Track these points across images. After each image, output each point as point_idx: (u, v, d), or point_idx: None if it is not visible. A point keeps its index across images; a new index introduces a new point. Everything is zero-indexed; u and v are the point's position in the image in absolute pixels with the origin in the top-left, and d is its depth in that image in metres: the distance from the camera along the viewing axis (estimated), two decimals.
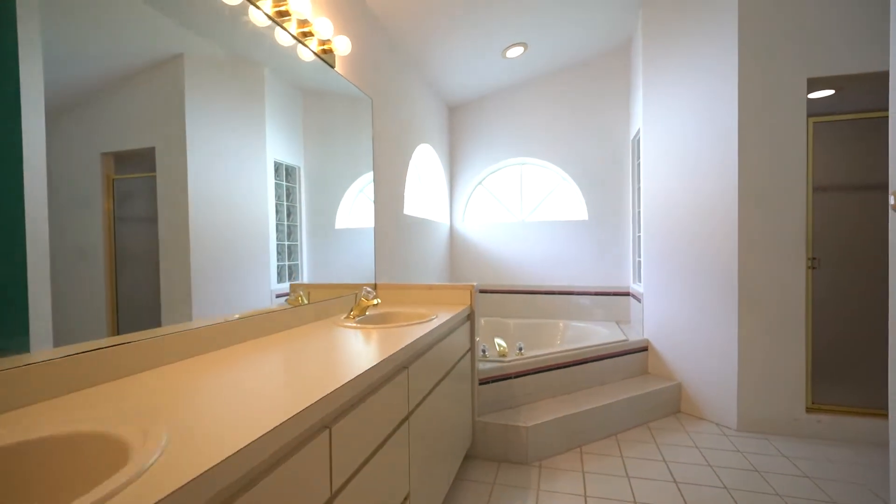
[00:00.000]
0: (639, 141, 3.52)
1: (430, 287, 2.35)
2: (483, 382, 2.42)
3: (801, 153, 2.51)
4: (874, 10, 2.39)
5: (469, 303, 2.28)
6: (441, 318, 1.86)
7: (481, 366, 2.45)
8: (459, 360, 2.07)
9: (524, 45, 3.34)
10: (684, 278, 2.91)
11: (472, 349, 2.29)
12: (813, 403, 2.57)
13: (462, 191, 4.27)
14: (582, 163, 3.90)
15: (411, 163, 3.40)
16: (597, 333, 3.51)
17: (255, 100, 1.59)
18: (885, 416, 2.46)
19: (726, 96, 2.63)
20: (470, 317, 2.28)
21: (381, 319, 2.00)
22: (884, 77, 2.35)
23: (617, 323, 3.72)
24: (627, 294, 3.79)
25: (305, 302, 1.83)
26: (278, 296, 1.70)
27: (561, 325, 3.84)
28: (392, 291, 2.41)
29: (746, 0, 2.55)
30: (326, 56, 1.98)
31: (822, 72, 2.47)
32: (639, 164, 3.56)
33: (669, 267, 3.01)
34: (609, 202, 3.84)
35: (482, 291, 4.16)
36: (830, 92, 3.05)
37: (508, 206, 4.24)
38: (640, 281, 3.59)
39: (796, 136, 2.51)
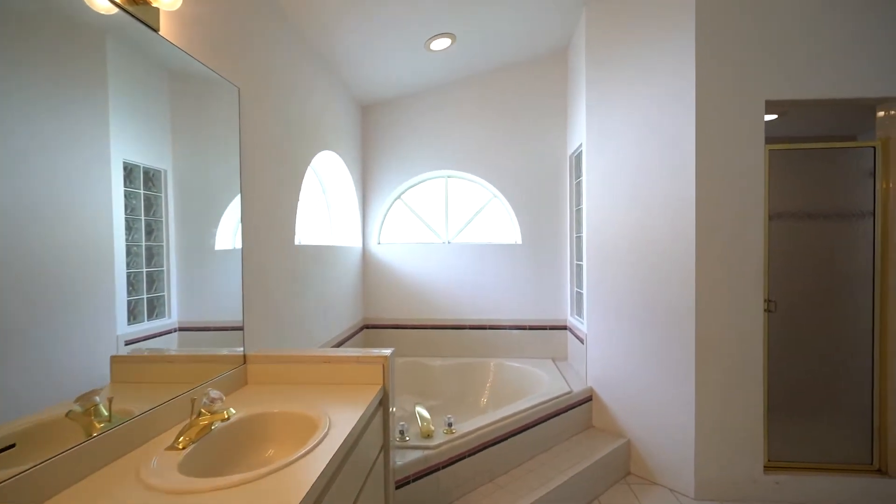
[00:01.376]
0: (578, 157, 3.13)
1: (328, 359, 1.65)
2: (401, 484, 1.78)
3: (760, 183, 2.24)
4: (836, 33, 2.18)
5: (382, 382, 1.62)
6: (338, 430, 1.19)
7: (399, 460, 1.80)
8: (369, 472, 1.41)
9: (452, 36, 2.76)
10: (634, 317, 2.53)
11: (385, 446, 1.64)
12: (770, 461, 2.31)
13: (377, 207, 3.58)
14: (515, 178, 3.43)
15: (309, 174, 2.65)
16: (534, 378, 3.04)
17: (93, 78, 1.10)
18: (843, 470, 2.27)
19: (682, 116, 2.28)
20: (383, 402, 1.62)
21: (231, 445, 1.25)
22: (838, 104, 2.19)
23: (554, 361, 3.30)
24: (564, 328, 3.39)
25: (105, 414, 1.05)
26: (129, 342, 1.18)
27: (492, 365, 3.33)
28: (269, 368, 1.66)
29: (704, 12, 2.22)
30: (139, 8, 1.20)
31: (780, 94, 2.22)
32: (578, 184, 3.17)
33: (616, 304, 2.62)
34: (545, 224, 3.42)
35: (400, 327, 3.51)
36: (773, 116, 2.89)
37: (432, 226, 3.64)
38: (577, 314, 3.19)
39: (755, 164, 2.23)
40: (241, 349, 1.67)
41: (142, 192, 1.26)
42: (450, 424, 2.09)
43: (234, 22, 1.72)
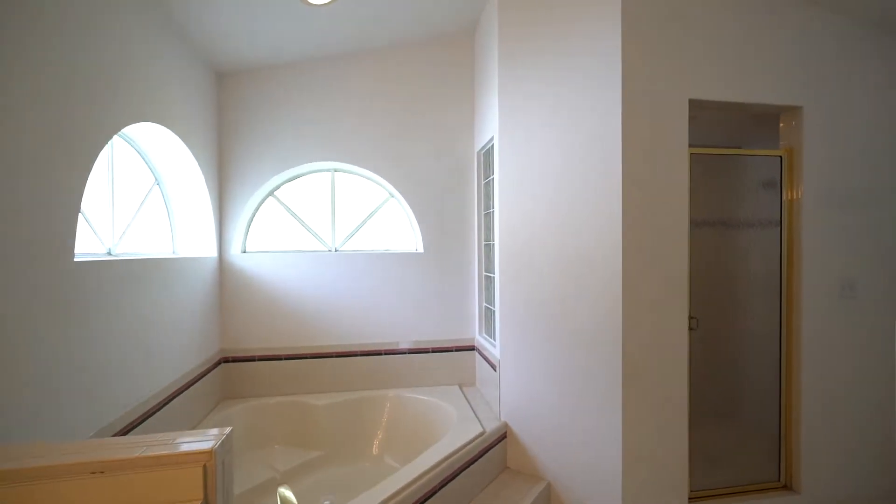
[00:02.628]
0: (488, 154, 2.74)
1: (102, 462, 0.94)
2: None
3: (685, 188, 2.04)
4: (748, 39, 2.07)
5: (203, 495, 0.96)
6: None
7: None
8: None
9: None
10: (553, 338, 2.19)
11: None
12: (692, 491, 2.12)
13: (240, 205, 2.79)
14: (416, 175, 2.93)
15: (105, 154, 1.83)
16: (440, 413, 2.56)
17: None
18: (756, 491, 2.18)
19: (607, 110, 1.99)
20: None
21: None
22: (748, 109, 2.10)
23: (461, 387, 2.86)
24: (472, 348, 2.97)
25: None
26: None
27: (390, 398, 2.77)
28: None
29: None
30: None
31: (704, 94, 2.05)
32: (488, 184, 2.78)
33: (533, 323, 2.26)
34: (451, 230, 2.97)
35: (271, 358, 2.76)
36: None
37: (315, 230, 2.96)
38: (487, 333, 2.80)
39: (680, 167, 2.03)
40: None
41: None
42: None
43: None
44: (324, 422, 2.61)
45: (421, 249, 2.95)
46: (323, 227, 2.96)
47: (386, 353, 2.89)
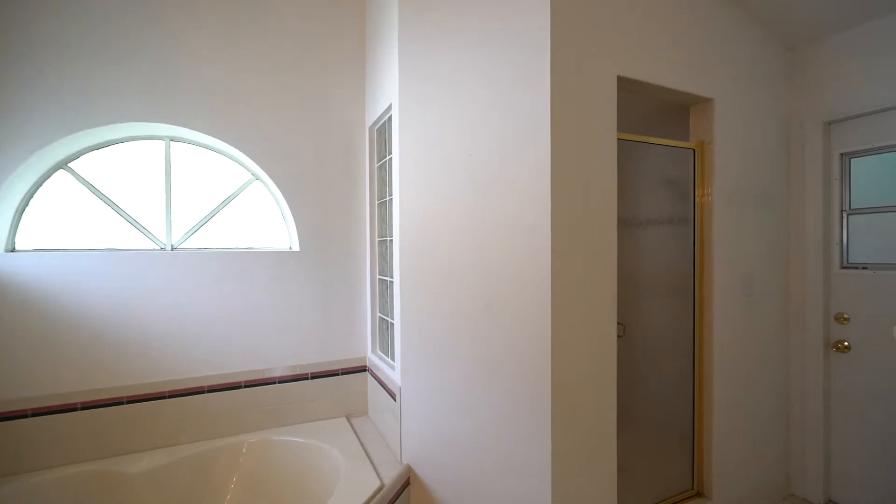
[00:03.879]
0: (383, 129, 2.22)
1: None
2: None
3: (613, 179, 1.79)
4: (677, 25, 1.91)
5: None
6: None
7: None
8: None
9: None
10: (470, 358, 1.77)
11: None
12: None
13: (5, 180, 1.82)
14: (287, 151, 2.27)
15: None
16: (321, 461, 1.97)
17: None
18: (681, 500, 2.04)
19: (533, 80, 1.64)
20: None
21: None
22: (677, 96, 1.94)
23: (349, 420, 2.30)
24: (363, 369, 2.42)
25: None
26: None
27: (251, 445, 2.08)
28: None
29: None
30: None
31: (632, 73, 1.82)
32: (383, 167, 2.26)
33: (444, 340, 1.82)
34: (335, 224, 2.37)
35: (61, 409, 1.86)
36: None
37: (141, 221, 2.11)
38: (382, 351, 2.28)
39: (609, 154, 1.77)
40: None
41: None
42: None
43: None
44: (144, 496, 1.81)
45: (296, 247, 2.30)
46: (153, 216, 2.13)
47: (248, 385, 2.18)
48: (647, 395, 2.02)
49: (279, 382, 2.23)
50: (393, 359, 2.05)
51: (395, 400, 1.95)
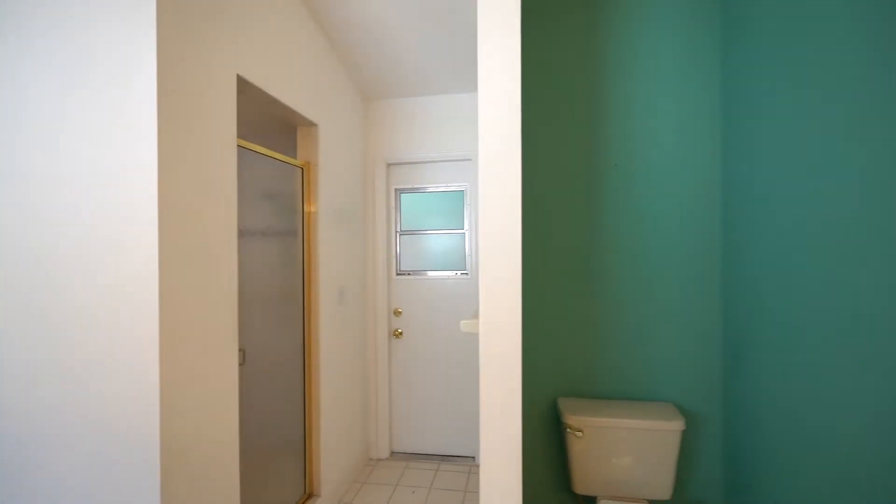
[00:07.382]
0: None
1: None
2: None
3: (233, 185, 1.60)
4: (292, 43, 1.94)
5: None
6: None
7: None
8: None
9: None
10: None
11: None
12: None
13: None
14: None
15: None
16: None
17: None
18: None
19: (134, 69, 1.23)
20: None
21: None
22: (288, 113, 1.84)
23: None
24: None
25: None
26: None
27: None
28: None
29: None
30: None
31: (251, 76, 1.69)
32: None
33: None
34: None
35: None
36: None
37: None
38: None
39: (228, 158, 1.57)
40: None
41: None
42: None
43: None
44: None
45: None
46: None
47: None
48: (267, 416, 1.94)
49: None
50: None
51: None
